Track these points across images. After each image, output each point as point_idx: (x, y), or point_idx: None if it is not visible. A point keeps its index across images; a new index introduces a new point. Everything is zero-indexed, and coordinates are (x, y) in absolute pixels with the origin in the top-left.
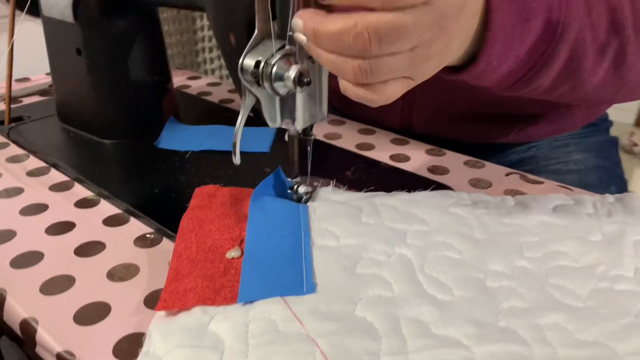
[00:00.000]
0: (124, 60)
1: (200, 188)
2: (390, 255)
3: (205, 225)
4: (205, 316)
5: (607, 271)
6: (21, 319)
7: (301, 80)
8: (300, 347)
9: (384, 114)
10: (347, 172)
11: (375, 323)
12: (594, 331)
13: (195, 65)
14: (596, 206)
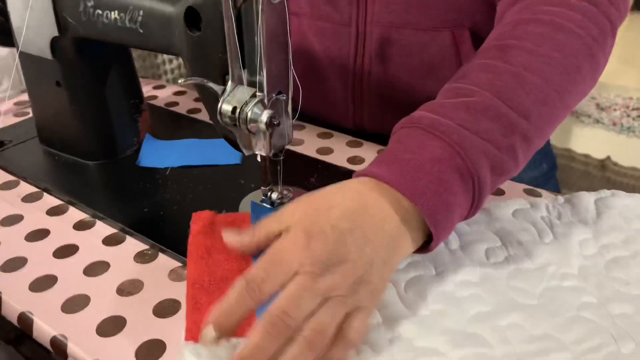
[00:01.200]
0: (102, 89)
1: (197, 214)
2: None
3: (214, 254)
4: (231, 347)
5: (557, 270)
6: (51, 336)
7: (272, 122)
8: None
9: (338, 116)
10: (311, 178)
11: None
12: (543, 326)
13: (155, 66)
14: (549, 209)
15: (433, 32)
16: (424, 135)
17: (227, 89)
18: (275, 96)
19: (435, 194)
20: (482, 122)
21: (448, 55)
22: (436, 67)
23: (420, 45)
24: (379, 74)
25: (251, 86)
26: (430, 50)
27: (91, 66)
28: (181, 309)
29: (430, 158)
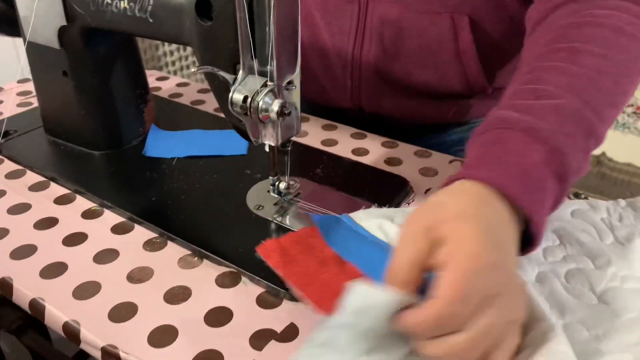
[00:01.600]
0: (108, 79)
1: (261, 248)
2: None
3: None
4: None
5: (618, 272)
6: (63, 322)
7: (282, 112)
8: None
9: (336, 95)
10: (317, 169)
11: None
12: (604, 326)
13: (156, 58)
14: (609, 211)
15: (433, 16)
16: (524, 138)
17: (238, 78)
18: (285, 86)
19: (539, 200)
20: (569, 126)
21: (446, 40)
22: (434, 51)
23: (419, 28)
24: (377, 54)
25: (262, 76)
26: (429, 33)
27: (98, 56)
28: (192, 295)
29: (534, 163)
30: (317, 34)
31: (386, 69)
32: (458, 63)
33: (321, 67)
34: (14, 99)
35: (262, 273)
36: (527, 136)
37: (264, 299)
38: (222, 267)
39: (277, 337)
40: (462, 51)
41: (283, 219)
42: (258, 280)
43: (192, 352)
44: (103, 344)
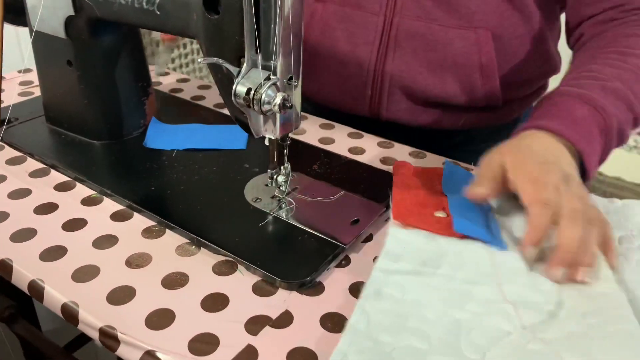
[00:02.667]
0: (112, 70)
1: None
2: None
3: (413, 187)
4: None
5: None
6: (62, 303)
7: (284, 105)
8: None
9: (354, 102)
10: (314, 165)
11: None
12: None
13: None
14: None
15: (459, 30)
16: (575, 101)
17: (242, 71)
18: (287, 81)
19: (587, 140)
20: (611, 97)
21: (470, 54)
22: (458, 64)
23: (444, 42)
24: (401, 66)
25: (265, 70)
26: (454, 47)
27: (103, 47)
28: (189, 281)
29: (582, 116)
30: (336, 45)
31: (408, 80)
32: (480, 77)
33: (339, 77)
34: (15, 88)
35: (259, 262)
36: (576, 100)
37: (260, 287)
38: (219, 256)
39: (272, 324)
40: (485, 65)
41: (279, 211)
42: (254, 268)
43: (189, 335)
44: (101, 324)
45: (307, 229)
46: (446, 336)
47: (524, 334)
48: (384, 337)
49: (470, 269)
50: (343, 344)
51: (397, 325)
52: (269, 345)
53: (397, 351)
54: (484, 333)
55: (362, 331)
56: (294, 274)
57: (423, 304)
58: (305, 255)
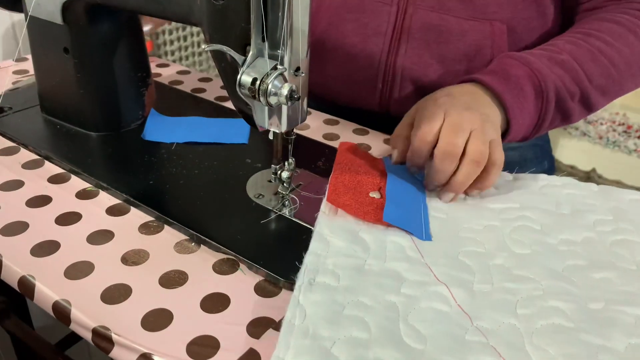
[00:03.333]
0: (110, 58)
1: (344, 143)
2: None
3: (354, 166)
4: (357, 226)
5: None
6: (53, 301)
7: (292, 96)
8: (418, 269)
9: (363, 96)
10: (318, 162)
11: None
12: (637, 285)
13: (156, 47)
14: None
15: (474, 22)
16: (514, 62)
17: (247, 60)
18: (293, 72)
19: (515, 95)
20: (557, 69)
21: (483, 47)
22: (470, 57)
23: (458, 33)
24: (413, 58)
25: (272, 59)
26: (468, 40)
27: (101, 34)
28: (188, 280)
29: (517, 74)
30: (345, 37)
31: (420, 73)
32: None
33: (348, 70)
34: (9, 77)
35: (261, 261)
36: (518, 62)
37: (263, 287)
38: (219, 254)
39: (275, 326)
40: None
41: (283, 208)
42: (257, 268)
43: (187, 337)
44: (94, 324)
45: (311, 227)
46: (385, 322)
47: (461, 319)
48: (322, 331)
49: (397, 256)
50: (279, 349)
51: (335, 315)
52: (272, 349)
53: (337, 345)
54: (422, 316)
55: (298, 327)
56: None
57: (358, 290)
58: None
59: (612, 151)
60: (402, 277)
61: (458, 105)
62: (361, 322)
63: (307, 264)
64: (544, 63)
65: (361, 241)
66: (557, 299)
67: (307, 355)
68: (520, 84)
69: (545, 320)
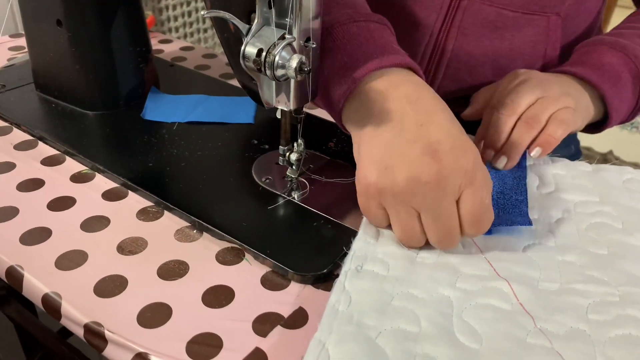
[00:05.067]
0: (106, 31)
1: None
2: None
3: None
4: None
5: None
6: (43, 293)
7: (302, 69)
8: (476, 263)
9: None
10: (330, 143)
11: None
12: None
13: (159, 23)
14: None
15: (530, 16)
16: (606, 49)
17: (252, 29)
18: (303, 43)
19: (613, 83)
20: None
21: (538, 43)
22: (524, 54)
23: (514, 28)
24: (460, 51)
25: (279, 28)
26: (523, 35)
27: (96, 4)
28: (189, 271)
29: (610, 62)
30: (393, 25)
31: (468, 67)
32: (540, 68)
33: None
34: (5, 54)
35: (269, 250)
36: (606, 48)
37: (270, 279)
38: (223, 242)
39: (284, 323)
40: (549, 55)
41: (292, 193)
42: (264, 258)
43: (187, 335)
44: (86, 320)
45: (322, 213)
46: (437, 317)
47: (522, 319)
48: (367, 319)
49: (454, 250)
50: (321, 332)
51: (382, 305)
52: (281, 348)
53: (383, 336)
54: (478, 314)
55: (342, 312)
56: (309, 266)
57: (409, 281)
58: (321, 244)
59: (630, 133)
60: (457, 271)
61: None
62: (411, 314)
63: (356, 250)
64: (637, 43)
65: None
66: (637, 307)
67: (351, 343)
68: (617, 72)
69: (621, 330)
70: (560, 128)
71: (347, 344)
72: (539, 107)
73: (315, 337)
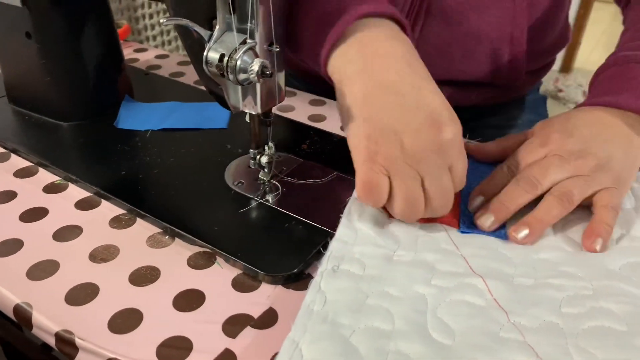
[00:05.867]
0: (76, 43)
1: None
2: None
3: None
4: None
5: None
6: (14, 304)
7: (263, 72)
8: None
9: None
10: (303, 145)
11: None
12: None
13: (136, 32)
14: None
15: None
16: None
17: (214, 35)
18: (266, 47)
19: None
20: None
21: (504, 25)
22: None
23: (479, 8)
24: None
25: (241, 33)
26: (489, 16)
27: (65, 16)
28: (160, 276)
29: None
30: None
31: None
32: (508, 51)
33: None
34: None
35: (239, 253)
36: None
37: (241, 281)
38: (195, 247)
39: (254, 324)
40: (515, 38)
41: (264, 195)
42: (234, 260)
43: (158, 339)
44: (57, 329)
45: (294, 215)
46: (411, 314)
47: (496, 314)
48: (342, 318)
49: (430, 247)
50: (295, 332)
51: (357, 304)
52: (250, 348)
53: (357, 335)
54: (452, 310)
55: (317, 312)
56: (279, 266)
57: (385, 279)
58: (292, 245)
59: None
60: (434, 269)
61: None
62: (386, 312)
63: (332, 250)
64: None
65: (391, 234)
66: (610, 300)
67: (325, 342)
68: None
69: (594, 322)
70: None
71: (320, 342)
72: (571, 184)
73: (288, 337)
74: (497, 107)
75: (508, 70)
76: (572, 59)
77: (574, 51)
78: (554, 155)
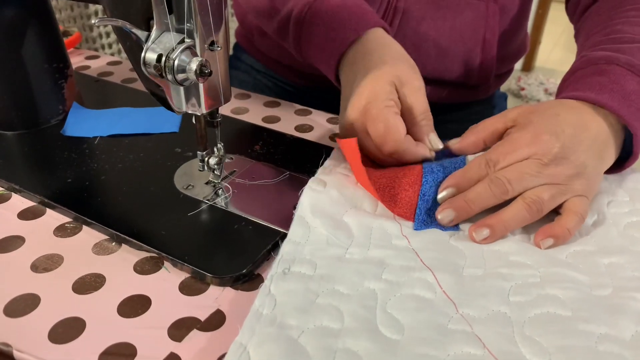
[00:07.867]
0: (17, 49)
1: (343, 141)
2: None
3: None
4: (342, 207)
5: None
6: None
7: (202, 71)
8: (404, 254)
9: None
10: (255, 146)
11: None
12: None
13: (91, 40)
14: None
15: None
16: (623, 71)
17: (151, 35)
18: (208, 47)
19: (637, 117)
20: None
21: (477, 27)
22: (464, 36)
23: (455, 10)
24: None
25: (179, 33)
26: (464, 17)
27: (3, 21)
28: (105, 283)
29: (633, 90)
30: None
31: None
32: (480, 53)
33: None
34: None
35: (186, 257)
36: (625, 70)
37: (188, 284)
38: (142, 252)
39: (200, 326)
40: (487, 40)
41: (215, 198)
42: (182, 264)
43: (100, 347)
44: None
45: (245, 216)
46: (360, 311)
47: (445, 306)
48: (290, 320)
49: (382, 243)
50: (243, 335)
51: (306, 304)
52: (196, 351)
53: (305, 335)
54: (402, 304)
55: (266, 316)
56: (227, 268)
57: (335, 277)
58: (241, 246)
59: None
60: (384, 263)
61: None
62: (335, 311)
63: (283, 253)
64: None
65: (345, 226)
66: (556, 286)
67: (272, 344)
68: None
69: (540, 309)
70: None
71: (268, 345)
72: (544, 192)
73: (236, 340)
74: (462, 104)
75: (479, 72)
76: (533, 58)
77: (534, 50)
78: (534, 160)
